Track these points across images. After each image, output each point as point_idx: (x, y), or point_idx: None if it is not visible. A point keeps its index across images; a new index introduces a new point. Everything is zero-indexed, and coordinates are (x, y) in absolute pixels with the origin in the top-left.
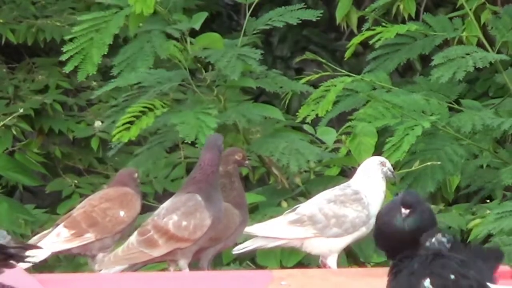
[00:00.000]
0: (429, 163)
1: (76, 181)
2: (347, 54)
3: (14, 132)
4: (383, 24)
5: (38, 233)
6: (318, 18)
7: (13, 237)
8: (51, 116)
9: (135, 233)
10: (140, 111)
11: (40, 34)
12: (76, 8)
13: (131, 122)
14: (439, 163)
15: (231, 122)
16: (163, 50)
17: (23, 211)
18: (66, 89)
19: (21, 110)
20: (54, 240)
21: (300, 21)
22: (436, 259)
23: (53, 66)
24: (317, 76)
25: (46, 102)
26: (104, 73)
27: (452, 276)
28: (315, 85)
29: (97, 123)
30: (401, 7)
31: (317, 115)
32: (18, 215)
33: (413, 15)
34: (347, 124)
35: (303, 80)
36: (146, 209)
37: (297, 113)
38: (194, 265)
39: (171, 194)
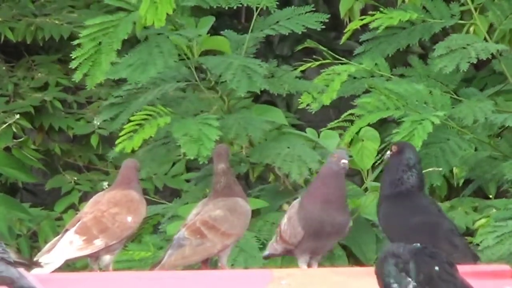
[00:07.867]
0: (430, 169)
1: (75, 178)
2: (343, 39)
3: (14, 130)
4: (381, 10)
5: (35, 231)
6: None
7: (13, 251)
8: (51, 113)
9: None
10: (143, 119)
11: (39, 32)
12: (76, 6)
13: (134, 131)
14: (440, 169)
15: (232, 136)
16: (172, 55)
17: (21, 209)
18: (65, 86)
19: (17, 116)
20: (69, 248)
21: (305, 29)
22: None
23: (52, 63)
24: (317, 63)
25: (46, 100)
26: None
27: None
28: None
29: (97, 120)
30: None
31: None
32: (15, 213)
33: (419, 5)
34: (349, 112)
35: (302, 68)
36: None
37: (300, 101)
38: (213, 264)
39: (171, 190)
